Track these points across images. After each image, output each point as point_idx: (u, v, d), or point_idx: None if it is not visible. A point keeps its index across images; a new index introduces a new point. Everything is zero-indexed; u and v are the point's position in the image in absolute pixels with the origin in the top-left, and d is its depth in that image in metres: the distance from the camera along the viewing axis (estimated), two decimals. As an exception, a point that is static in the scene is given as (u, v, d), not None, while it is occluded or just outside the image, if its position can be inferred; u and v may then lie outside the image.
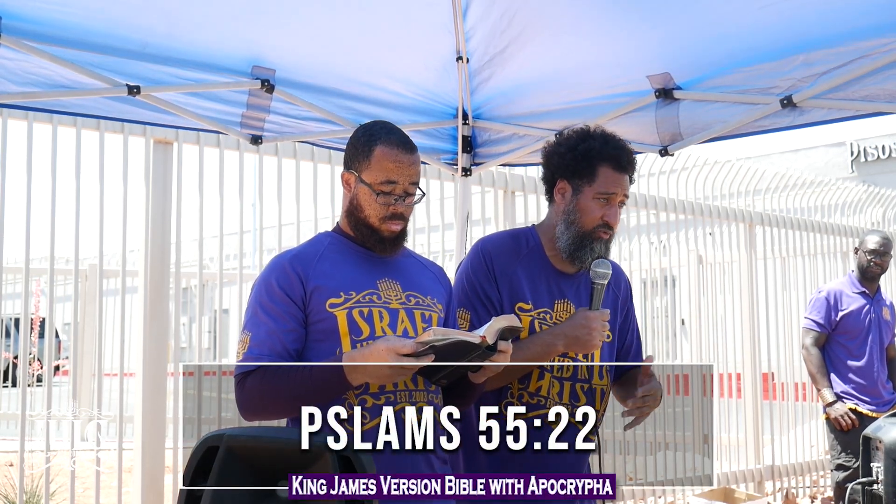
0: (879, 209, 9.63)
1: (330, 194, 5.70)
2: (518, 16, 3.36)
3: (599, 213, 2.85)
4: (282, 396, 2.37)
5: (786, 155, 20.31)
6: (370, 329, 2.48)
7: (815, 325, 6.04)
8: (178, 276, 5.25)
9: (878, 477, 3.15)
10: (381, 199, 2.53)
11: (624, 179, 2.87)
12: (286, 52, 3.61)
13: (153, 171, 5.09)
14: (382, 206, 2.54)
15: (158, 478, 4.92)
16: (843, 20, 3.16)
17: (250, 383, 2.39)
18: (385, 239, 2.57)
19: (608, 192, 2.84)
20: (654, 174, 7.55)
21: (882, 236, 6.11)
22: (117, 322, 6.00)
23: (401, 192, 2.54)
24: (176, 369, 5.27)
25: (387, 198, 2.53)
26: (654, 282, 8.76)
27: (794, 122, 3.58)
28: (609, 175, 2.85)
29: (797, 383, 8.69)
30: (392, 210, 2.54)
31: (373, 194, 2.53)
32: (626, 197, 2.89)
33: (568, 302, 2.91)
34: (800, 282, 8.82)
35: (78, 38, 3.25)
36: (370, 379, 2.33)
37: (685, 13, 3.29)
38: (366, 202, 2.55)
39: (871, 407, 5.86)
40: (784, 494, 8.10)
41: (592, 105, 3.88)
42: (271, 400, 2.38)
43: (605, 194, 2.84)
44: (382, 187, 2.53)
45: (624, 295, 3.05)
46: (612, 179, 2.85)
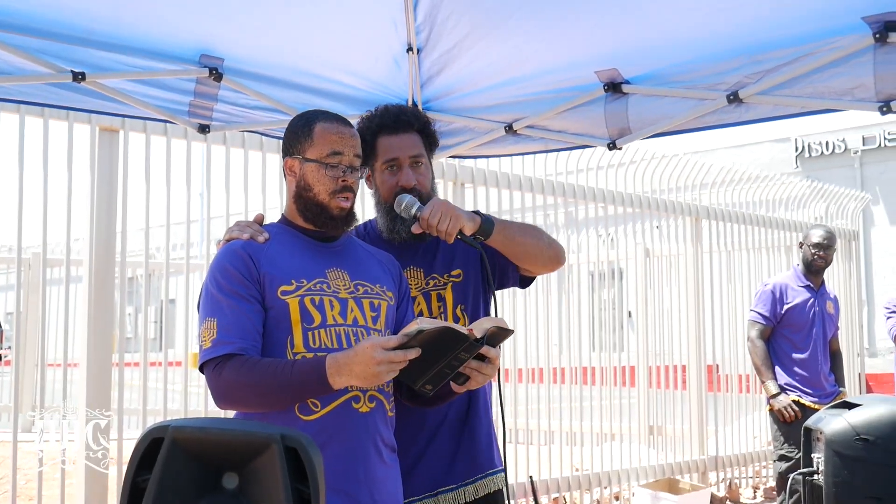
0: (823, 204, 9.78)
1: (278, 184, 5.66)
2: (469, 11, 3.36)
3: (394, 181, 2.89)
4: (260, 390, 2.35)
5: (731, 150, 20.55)
6: (321, 317, 2.48)
7: (760, 318, 6.12)
8: (123, 266, 5.20)
9: (819, 467, 3.20)
10: (330, 172, 2.55)
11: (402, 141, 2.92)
12: (235, 42, 3.58)
13: (99, 158, 5.03)
14: (332, 179, 2.55)
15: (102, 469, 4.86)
16: (788, 24, 3.21)
17: (228, 372, 2.36)
18: (336, 217, 2.58)
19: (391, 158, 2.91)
20: (602, 167, 7.61)
21: (826, 230, 6.21)
22: (61, 311, 5.92)
23: (347, 163, 2.56)
24: (121, 360, 5.21)
25: (335, 170, 2.55)
26: (601, 274, 8.83)
27: (741, 117, 3.62)
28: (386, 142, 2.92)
29: (741, 375, 8.82)
30: (342, 182, 2.55)
31: (321, 168, 2.55)
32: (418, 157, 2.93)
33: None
34: (745, 275, 8.94)
35: (21, 23, 3.18)
36: (357, 381, 2.31)
37: (632, 12, 3.31)
38: (314, 179, 2.56)
39: (814, 399, 5.96)
40: (727, 485, 8.21)
41: (542, 98, 3.89)
42: (249, 391, 2.36)
43: (391, 161, 2.91)
44: (329, 159, 2.55)
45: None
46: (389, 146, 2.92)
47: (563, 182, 7.26)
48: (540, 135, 4.13)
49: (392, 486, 2.56)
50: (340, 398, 2.43)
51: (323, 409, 2.42)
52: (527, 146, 4.30)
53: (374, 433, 2.48)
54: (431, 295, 2.95)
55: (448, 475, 2.89)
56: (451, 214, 2.74)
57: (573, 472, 7.23)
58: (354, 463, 2.44)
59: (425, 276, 2.97)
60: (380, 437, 2.50)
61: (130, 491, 1.76)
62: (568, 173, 7.32)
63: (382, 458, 2.51)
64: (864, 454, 3.07)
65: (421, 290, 2.94)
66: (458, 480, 2.89)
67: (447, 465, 2.89)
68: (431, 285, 2.96)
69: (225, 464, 1.78)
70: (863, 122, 20.59)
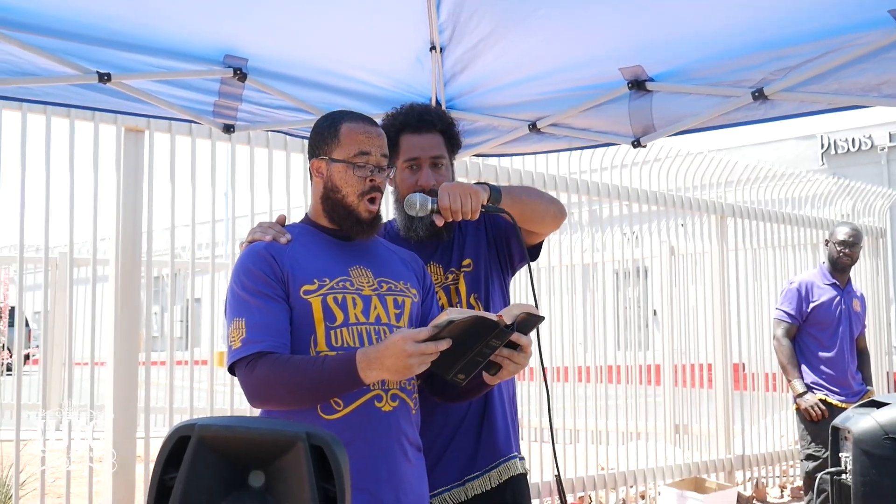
0: (849, 201, 9.71)
1: (303, 184, 5.68)
2: (492, 8, 3.36)
3: (413, 180, 2.90)
4: (292, 387, 2.35)
5: (757, 147, 20.45)
6: (344, 316, 2.47)
7: (786, 317, 6.08)
8: (149, 265, 5.23)
9: (847, 467, 3.17)
10: (358, 172, 2.54)
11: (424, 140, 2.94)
12: (259, 42, 3.59)
13: (124, 159, 5.06)
14: (360, 180, 2.54)
15: (129, 467, 4.90)
16: (813, 19, 3.18)
17: (260, 371, 2.36)
18: (363, 220, 2.57)
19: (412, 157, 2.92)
20: (626, 165, 7.58)
21: (851, 227, 6.16)
22: (88, 311, 5.97)
23: (374, 163, 2.55)
24: (147, 359, 5.24)
25: (362, 170, 2.54)
26: (626, 272, 8.80)
27: (766, 114, 3.60)
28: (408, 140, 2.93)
29: (767, 374, 8.77)
30: (370, 182, 2.54)
31: (349, 169, 2.53)
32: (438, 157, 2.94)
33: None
34: (770, 273, 8.88)
35: (47, 25, 3.21)
36: (388, 374, 2.30)
37: (656, 8, 3.30)
38: (342, 180, 2.55)
39: (841, 398, 5.92)
40: (754, 484, 8.17)
41: (566, 96, 3.89)
42: (282, 389, 2.36)
43: (411, 161, 2.92)
44: (357, 159, 2.53)
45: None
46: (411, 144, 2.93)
47: (587, 180, 7.24)
48: (564, 133, 4.12)
49: (417, 486, 2.55)
50: (362, 397, 2.43)
51: (345, 409, 2.42)
52: (550, 144, 4.30)
53: (397, 432, 2.47)
54: (450, 289, 2.98)
55: (473, 463, 2.94)
56: (468, 192, 2.71)
57: (599, 471, 7.22)
58: (378, 462, 2.43)
59: (444, 272, 2.98)
60: (404, 435, 2.50)
61: (157, 489, 1.77)
62: (592, 171, 7.30)
63: (407, 457, 2.51)
64: (893, 453, 3.04)
65: (441, 286, 2.95)
66: (482, 467, 2.94)
67: (471, 455, 2.94)
68: (450, 279, 2.98)
69: (251, 462, 1.79)
70: (890, 118, 20.45)
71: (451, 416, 2.92)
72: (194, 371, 5.50)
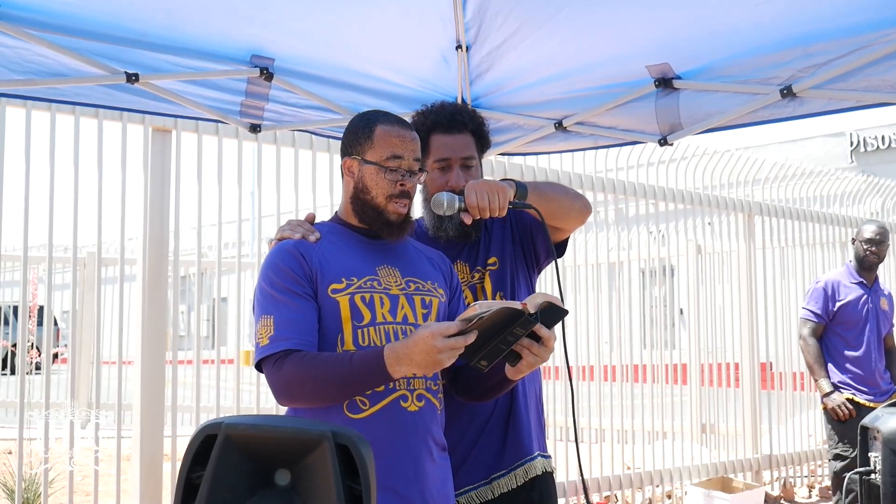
0: (878, 199, 9.63)
1: (328, 183, 5.70)
2: (518, 7, 3.35)
3: (444, 180, 2.90)
4: (319, 384, 2.35)
5: (784, 145, 20.32)
6: (371, 315, 2.47)
7: (812, 316, 6.04)
8: (176, 265, 5.25)
9: (876, 467, 3.15)
10: (390, 176, 2.53)
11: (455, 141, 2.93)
12: (285, 42, 3.60)
13: (152, 158, 5.09)
14: (390, 183, 2.53)
15: (157, 466, 4.93)
16: (841, 15, 3.15)
17: (288, 368, 2.35)
18: (392, 222, 2.56)
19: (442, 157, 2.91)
20: (653, 164, 7.55)
21: (878, 226, 6.11)
22: (116, 310, 6.00)
23: (406, 167, 2.54)
24: (174, 357, 5.27)
25: (394, 174, 2.53)
26: (652, 271, 8.76)
27: (795, 112, 3.58)
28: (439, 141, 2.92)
29: (795, 373, 8.71)
30: (400, 186, 2.53)
31: (380, 171, 2.53)
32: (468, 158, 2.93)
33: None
34: (798, 272, 8.82)
35: (76, 26, 3.23)
36: (417, 369, 2.30)
37: (683, 5, 3.28)
38: (372, 182, 2.54)
39: (869, 397, 5.88)
40: (782, 484, 8.12)
41: (592, 94, 3.87)
42: (310, 386, 2.36)
43: (442, 161, 2.91)
44: (389, 163, 2.52)
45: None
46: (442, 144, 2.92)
47: (613, 179, 7.22)
48: (590, 131, 4.11)
49: (442, 485, 2.55)
50: (388, 397, 2.43)
51: (371, 408, 2.42)
52: (577, 143, 4.29)
53: (423, 432, 2.47)
54: (477, 287, 2.98)
55: (499, 462, 2.93)
56: (495, 189, 2.71)
57: (625, 471, 7.20)
58: (403, 461, 2.43)
59: (471, 270, 2.98)
60: (430, 435, 2.49)
61: (185, 487, 1.78)
62: (618, 170, 7.28)
63: (432, 457, 2.51)
64: (923, 453, 3.01)
65: (468, 284, 2.96)
66: (508, 465, 2.94)
67: (497, 453, 2.94)
68: (476, 278, 2.98)
69: (277, 461, 1.79)
70: (919, 115, 20.25)
71: (477, 415, 2.92)
72: (221, 370, 5.53)
